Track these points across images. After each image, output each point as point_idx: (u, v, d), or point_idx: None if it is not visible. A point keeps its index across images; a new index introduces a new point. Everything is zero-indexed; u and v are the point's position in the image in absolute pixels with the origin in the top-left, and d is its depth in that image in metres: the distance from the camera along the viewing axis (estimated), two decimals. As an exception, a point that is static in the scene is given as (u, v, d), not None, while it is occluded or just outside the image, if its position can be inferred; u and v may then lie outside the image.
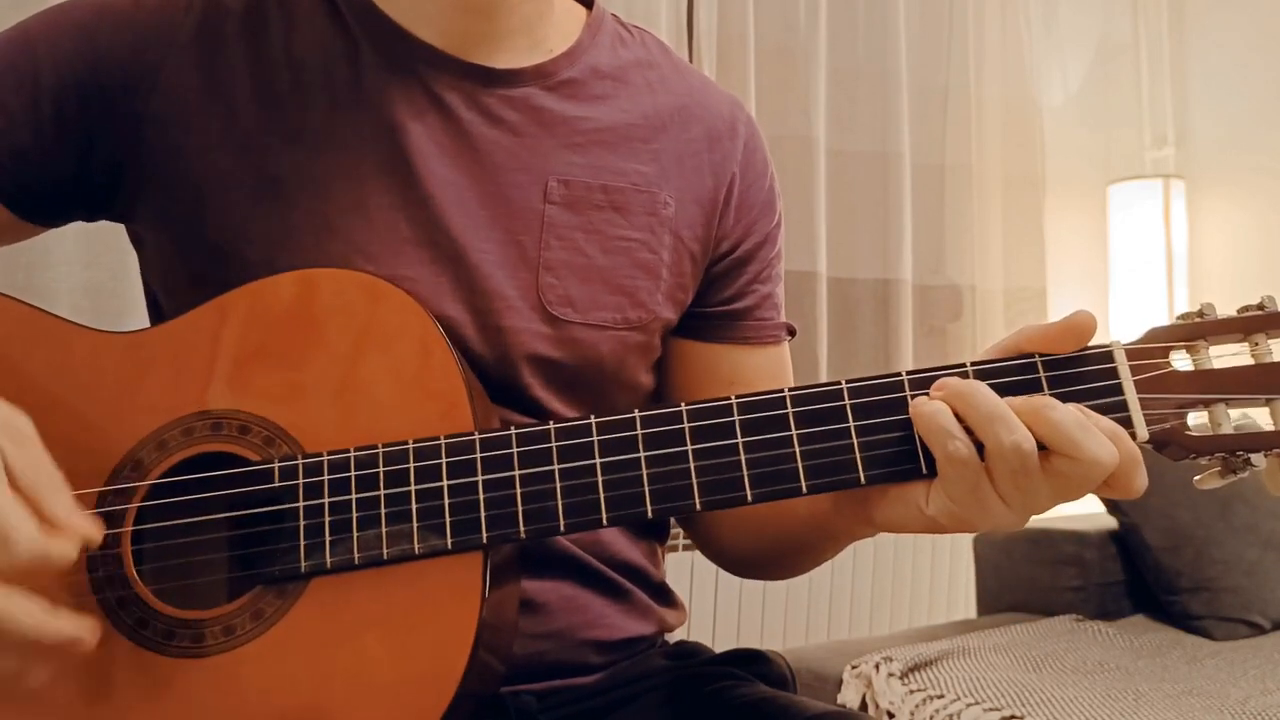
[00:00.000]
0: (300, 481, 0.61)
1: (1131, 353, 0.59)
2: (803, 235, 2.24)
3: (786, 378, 0.87)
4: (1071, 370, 0.59)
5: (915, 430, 0.58)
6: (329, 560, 0.60)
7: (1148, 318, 2.61)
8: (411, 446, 0.61)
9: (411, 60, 0.75)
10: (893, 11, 2.41)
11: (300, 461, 0.62)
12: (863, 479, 0.59)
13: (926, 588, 2.40)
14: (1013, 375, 0.59)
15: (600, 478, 0.60)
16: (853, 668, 1.63)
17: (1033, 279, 2.66)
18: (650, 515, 0.60)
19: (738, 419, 0.60)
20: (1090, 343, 0.60)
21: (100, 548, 0.59)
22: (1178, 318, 0.61)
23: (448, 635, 0.58)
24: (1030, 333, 0.60)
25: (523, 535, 0.60)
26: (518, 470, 0.61)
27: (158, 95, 0.72)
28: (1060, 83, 2.84)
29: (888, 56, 2.40)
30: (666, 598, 0.85)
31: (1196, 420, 0.59)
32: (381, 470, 0.61)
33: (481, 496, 0.60)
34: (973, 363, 0.60)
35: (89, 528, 0.54)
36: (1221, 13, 2.79)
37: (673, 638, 0.87)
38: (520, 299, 0.74)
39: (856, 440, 0.60)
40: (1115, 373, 0.59)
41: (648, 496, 0.60)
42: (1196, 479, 0.60)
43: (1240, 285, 2.67)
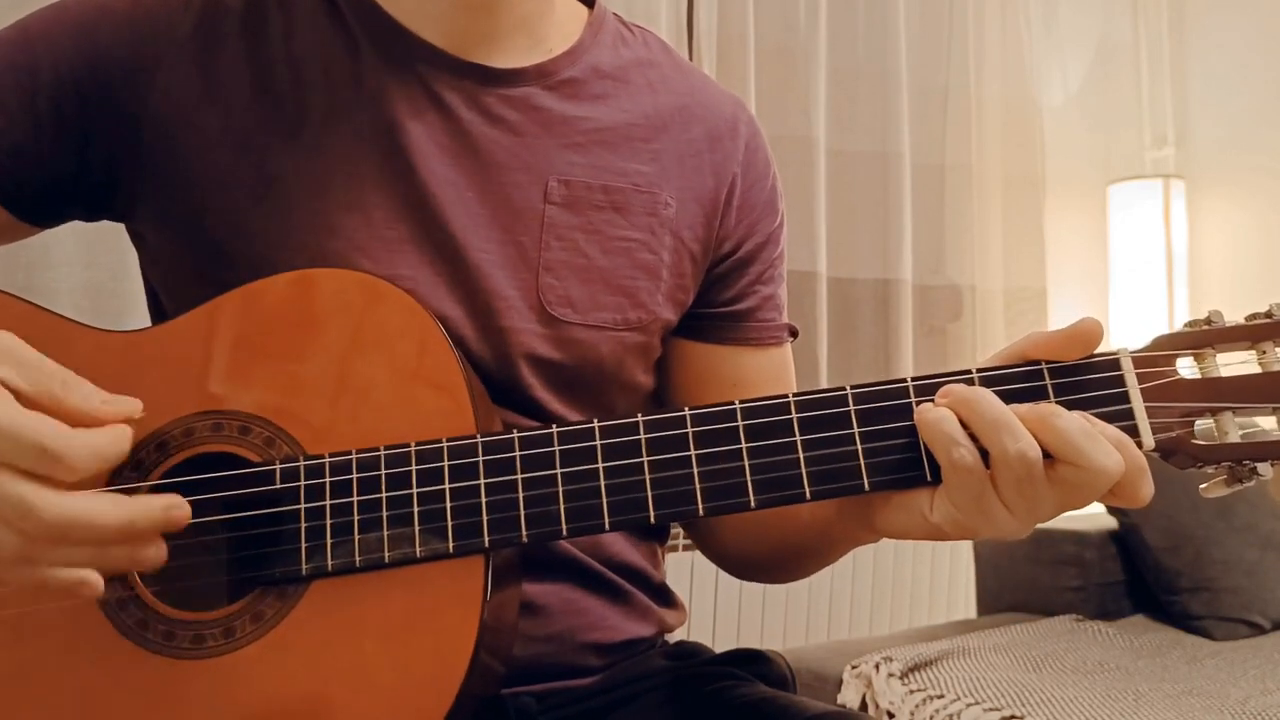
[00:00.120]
0: (301, 484, 0.61)
1: (1138, 360, 0.59)
2: (803, 235, 2.24)
3: (789, 379, 0.87)
4: (1077, 378, 0.59)
5: (920, 437, 0.58)
6: (330, 562, 0.60)
7: (1148, 318, 2.61)
8: (414, 449, 0.61)
9: (411, 59, 0.74)
10: (893, 11, 2.41)
11: (302, 463, 0.61)
12: (867, 486, 0.59)
13: (926, 588, 2.40)
14: (1018, 382, 0.59)
15: (603, 482, 0.60)
16: (853, 668, 1.64)
17: (1033, 279, 2.66)
18: (653, 520, 0.60)
19: (741, 424, 0.60)
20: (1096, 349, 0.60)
21: None
22: (1185, 325, 0.60)
23: (449, 638, 0.58)
24: (1036, 339, 0.60)
25: (525, 539, 0.60)
26: (520, 474, 0.60)
27: (157, 94, 0.72)
28: (1060, 83, 2.84)
29: (888, 56, 2.40)
30: (666, 598, 0.85)
31: (1203, 428, 0.58)
32: (383, 473, 0.61)
33: (484, 500, 0.60)
34: (978, 369, 0.60)
35: (125, 405, 0.54)
36: (1221, 13, 2.79)
37: (673, 638, 0.87)
38: (520, 299, 0.73)
39: (861, 447, 0.59)
40: (1121, 380, 0.59)
41: (650, 501, 0.60)
42: (1202, 487, 0.60)
43: (1240, 285, 2.67)
